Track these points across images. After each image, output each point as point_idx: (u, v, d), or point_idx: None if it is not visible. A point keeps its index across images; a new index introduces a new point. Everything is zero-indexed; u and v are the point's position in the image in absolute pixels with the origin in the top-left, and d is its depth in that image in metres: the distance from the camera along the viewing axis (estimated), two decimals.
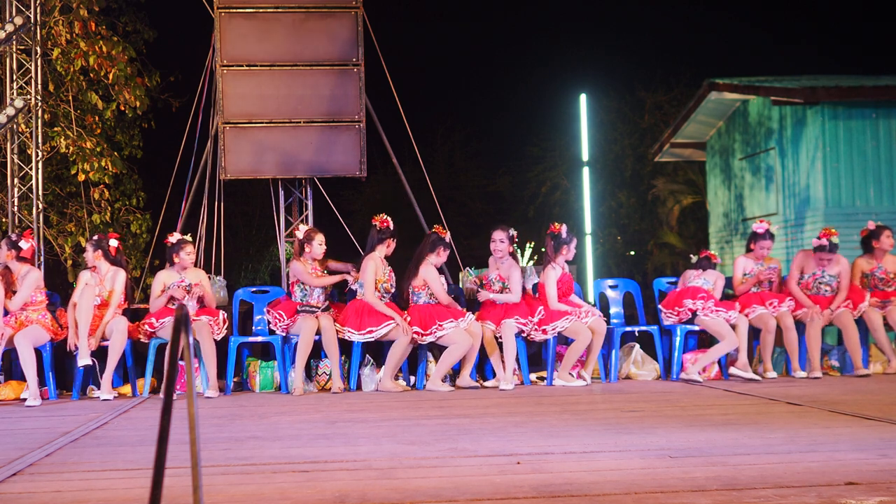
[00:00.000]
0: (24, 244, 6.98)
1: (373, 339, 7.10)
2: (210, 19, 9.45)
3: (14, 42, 9.70)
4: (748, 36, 28.61)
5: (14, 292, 6.94)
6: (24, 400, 6.78)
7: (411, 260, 7.36)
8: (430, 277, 7.22)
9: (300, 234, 7.39)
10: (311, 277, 7.21)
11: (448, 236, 7.44)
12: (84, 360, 6.80)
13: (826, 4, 28.82)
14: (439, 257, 7.33)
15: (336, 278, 7.30)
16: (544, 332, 7.19)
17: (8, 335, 6.76)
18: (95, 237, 7.33)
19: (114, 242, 7.17)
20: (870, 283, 7.72)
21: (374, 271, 7.16)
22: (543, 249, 7.60)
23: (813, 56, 26.32)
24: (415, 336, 7.08)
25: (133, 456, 4.32)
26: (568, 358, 7.23)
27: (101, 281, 7.04)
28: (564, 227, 7.44)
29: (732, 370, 7.33)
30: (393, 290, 7.38)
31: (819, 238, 7.62)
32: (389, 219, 7.37)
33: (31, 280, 6.91)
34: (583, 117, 17.24)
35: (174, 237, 7.34)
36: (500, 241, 7.38)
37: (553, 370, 7.33)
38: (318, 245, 7.35)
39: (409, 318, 7.14)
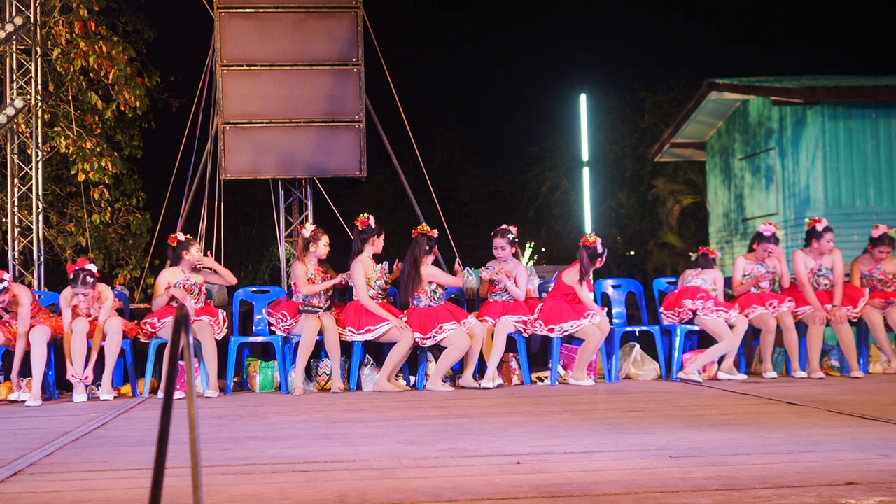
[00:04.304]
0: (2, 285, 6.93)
1: (372, 339, 7.10)
2: (210, 19, 9.46)
3: (14, 42, 9.70)
4: (748, 37, 28.62)
5: (5, 310, 6.94)
6: (13, 402, 6.79)
7: (405, 266, 7.30)
8: (433, 274, 7.24)
9: (307, 233, 7.36)
10: (304, 284, 7.19)
11: (436, 233, 7.44)
12: (80, 396, 6.82)
13: (825, 5, 28.82)
14: (433, 255, 7.37)
15: (327, 284, 7.26)
16: (551, 330, 7.19)
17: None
18: (88, 279, 6.88)
19: (92, 267, 7.00)
20: (868, 284, 7.72)
21: (363, 273, 7.16)
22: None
23: (812, 56, 26.33)
24: (416, 341, 7.09)
25: (133, 456, 4.31)
26: (580, 359, 7.24)
27: (93, 301, 6.99)
28: (600, 241, 7.43)
29: (719, 374, 7.34)
30: (388, 286, 7.37)
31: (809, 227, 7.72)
32: (371, 217, 7.37)
33: (26, 305, 6.88)
34: (583, 117, 17.26)
35: (182, 236, 7.35)
36: (500, 248, 7.41)
37: (556, 370, 7.34)
38: (324, 246, 7.36)
39: (405, 320, 7.14)
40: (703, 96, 12.72)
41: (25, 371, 6.96)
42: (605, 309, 7.50)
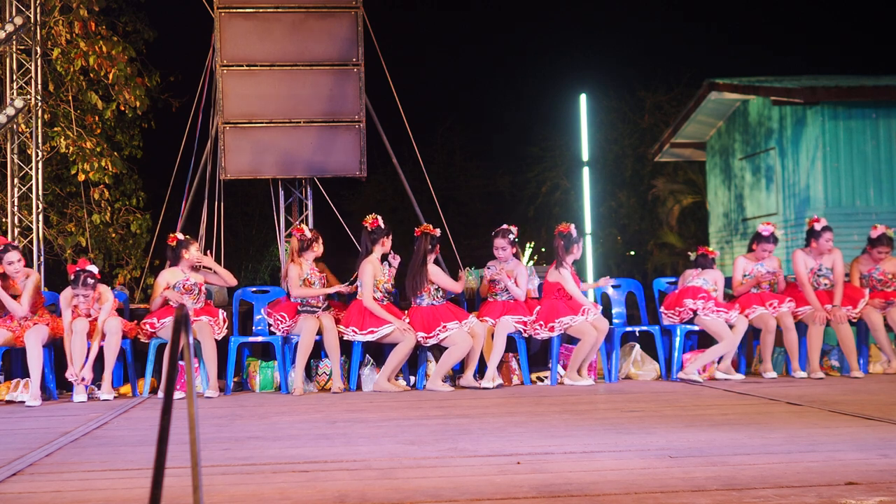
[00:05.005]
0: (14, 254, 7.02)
1: (374, 340, 7.10)
2: (210, 19, 9.45)
3: (14, 42, 9.71)
4: (748, 37, 28.61)
5: (12, 296, 6.99)
6: (11, 402, 6.81)
7: (412, 265, 7.32)
8: (435, 274, 7.25)
9: (307, 234, 7.36)
10: (296, 286, 7.19)
11: (438, 231, 7.45)
12: (80, 396, 6.83)
13: (825, 5, 28.83)
14: (435, 254, 7.39)
15: (324, 291, 7.22)
16: (551, 329, 7.19)
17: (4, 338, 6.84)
18: (89, 280, 6.88)
19: (93, 268, 6.96)
20: (868, 284, 7.72)
21: (371, 275, 7.16)
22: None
23: (812, 56, 26.35)
24: (419, 340, 7.09)
25: (133, 456, 4.32)
26: (575, 358, 7.24)
27: (93, 302, 7.00)
28: (573, 227, 7.47)
29: (716, 373, 7.33)
30: (394, 290, 7.38)
31: (810, 226, 7.71)
32: (379, 217, 7.36)
33: (32, 284, 7.00)
34: (583, 117, 17.24)
35: (181, 235, 7.38)
36: (501, 248, 7.41)
37: (556, 370, 7.34)
38: (320, 246, 7.40)
39: (407, 320, 7.15)
40: (703, 96, 12.71)
41: (24, 372, 6.97)
42: (600, 307, 7.48)
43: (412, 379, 7.41)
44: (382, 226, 7.32)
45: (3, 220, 10.52)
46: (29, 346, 6.69)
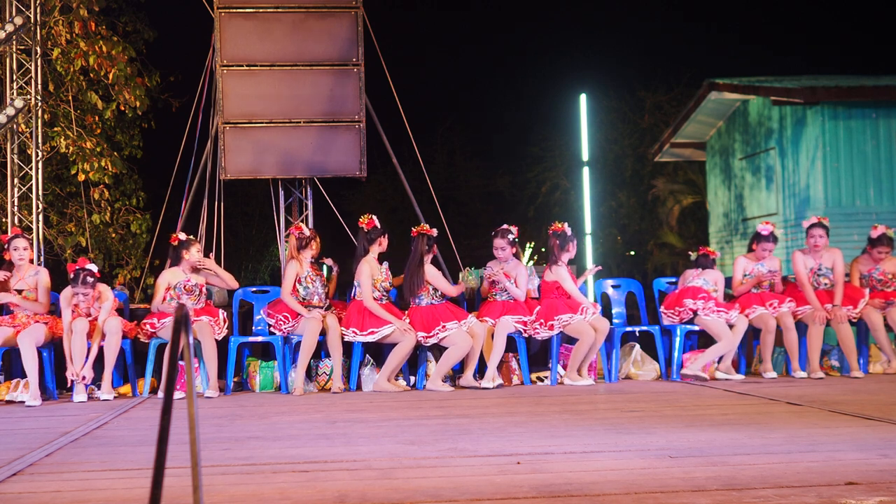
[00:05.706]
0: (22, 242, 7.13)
1: (375, 340, 7.10)
2: (210, 19, 9.45)
3: (14, 42, 9.70)
4: (748, 37, 28.61)
5: (18, 291, 7.04)
6: (11, 402, 6.81)
7: (409, 265, 7.31)
8: (433, 276, 7.25)
9: (305, 231, 7.37)
10: (288, 289, 7.19)
11: (435, 232, 7.46)
12: (80, 396, 6.83)
13: (825, 5, 28.82)
14: (433, 254, 7.40)
15: (302, 310, 7.11)
16: (550, 327, 7.19)
17: (5, 335, 6.85)
18: (88, 279, 6.90)
19: (93, 267, 6.98)
20: (868, 284, 7.72)
21: (369, 275, 7.16)
22: (544, 249, 7.63)
23: (812, 56, 26.34)
24: (419, 339, 7.10)
25: (133, 456, 4.32)
26: (574, 358, 7.24)
27: (93, 301, 7.00)
28: (566, 225, 7.49)
29: (717, 373, 7.33)
30: (392, 288, 7.38)
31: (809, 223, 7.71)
32: (374, 217, 7.37)
33: (44, 283, 7.11)
34: (583, 117, 17.23)
35: (183, 235, 7.38)
36: (501, 248, 7.42)
37: (556, 370, 7.34)
38: (318, 244, 7.43)
39: (407, 320, 7.15)
40: (703, 96, 12.71)
41: (24, 372, 6.97)
42: (599, 307, 7.48)
43: (412, 379, 7.41)
44: (379, 225, 7.33)
45: (3, 220, 10.52)
46: (23, 348, 6.70)
